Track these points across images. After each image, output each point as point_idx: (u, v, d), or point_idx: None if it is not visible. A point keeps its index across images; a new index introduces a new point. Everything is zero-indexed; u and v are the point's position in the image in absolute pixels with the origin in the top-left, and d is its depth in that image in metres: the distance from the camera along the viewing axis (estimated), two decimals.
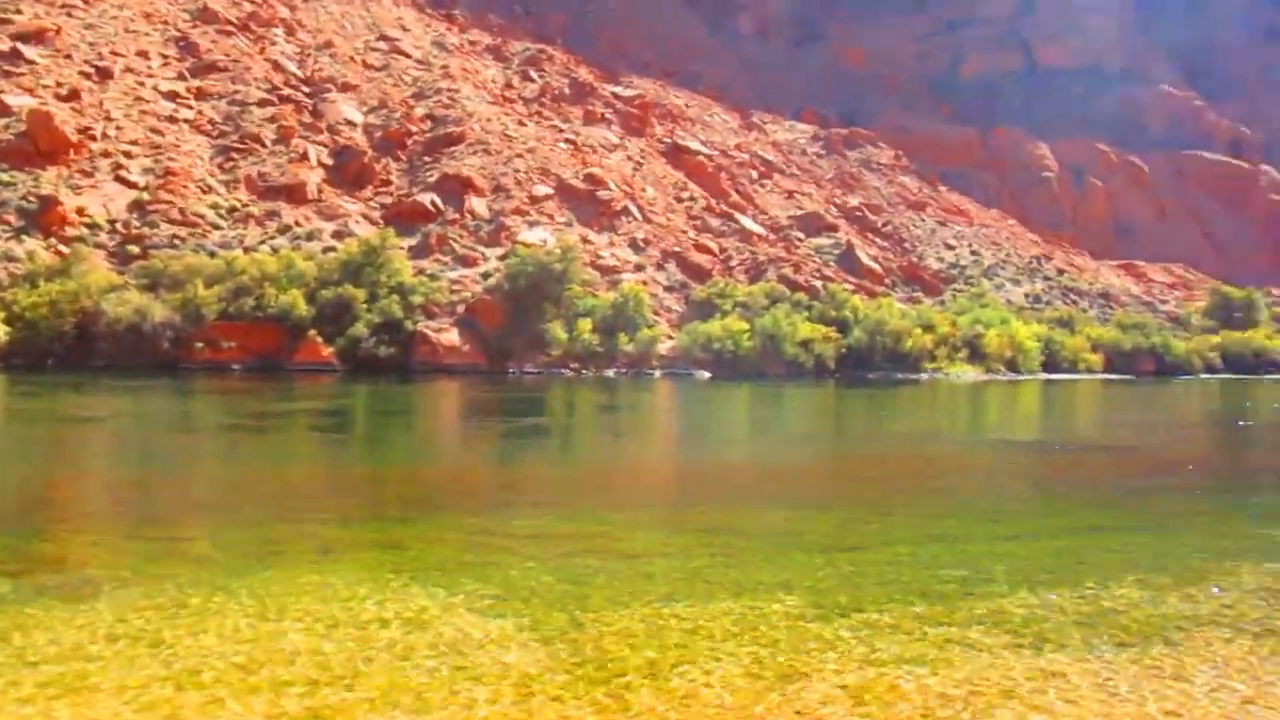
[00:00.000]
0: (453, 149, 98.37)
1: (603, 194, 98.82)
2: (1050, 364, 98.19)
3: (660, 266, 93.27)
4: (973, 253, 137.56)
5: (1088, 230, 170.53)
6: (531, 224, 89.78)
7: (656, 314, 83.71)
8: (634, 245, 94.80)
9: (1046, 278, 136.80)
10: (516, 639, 8.59)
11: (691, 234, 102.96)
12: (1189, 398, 67.89)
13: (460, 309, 75.72)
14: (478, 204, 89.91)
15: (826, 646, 8.54)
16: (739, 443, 32.98)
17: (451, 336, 72.41)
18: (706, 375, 76.56)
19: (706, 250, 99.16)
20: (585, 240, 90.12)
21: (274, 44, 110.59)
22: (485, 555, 12.11)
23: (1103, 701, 7.52)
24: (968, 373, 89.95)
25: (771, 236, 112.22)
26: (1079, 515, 16.97)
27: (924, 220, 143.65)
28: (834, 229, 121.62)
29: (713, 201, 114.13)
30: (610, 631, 8.81)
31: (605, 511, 16.42)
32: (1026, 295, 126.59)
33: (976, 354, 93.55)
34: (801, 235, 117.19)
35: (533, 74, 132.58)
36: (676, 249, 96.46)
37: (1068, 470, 24.68)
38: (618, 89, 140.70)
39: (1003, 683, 7.83)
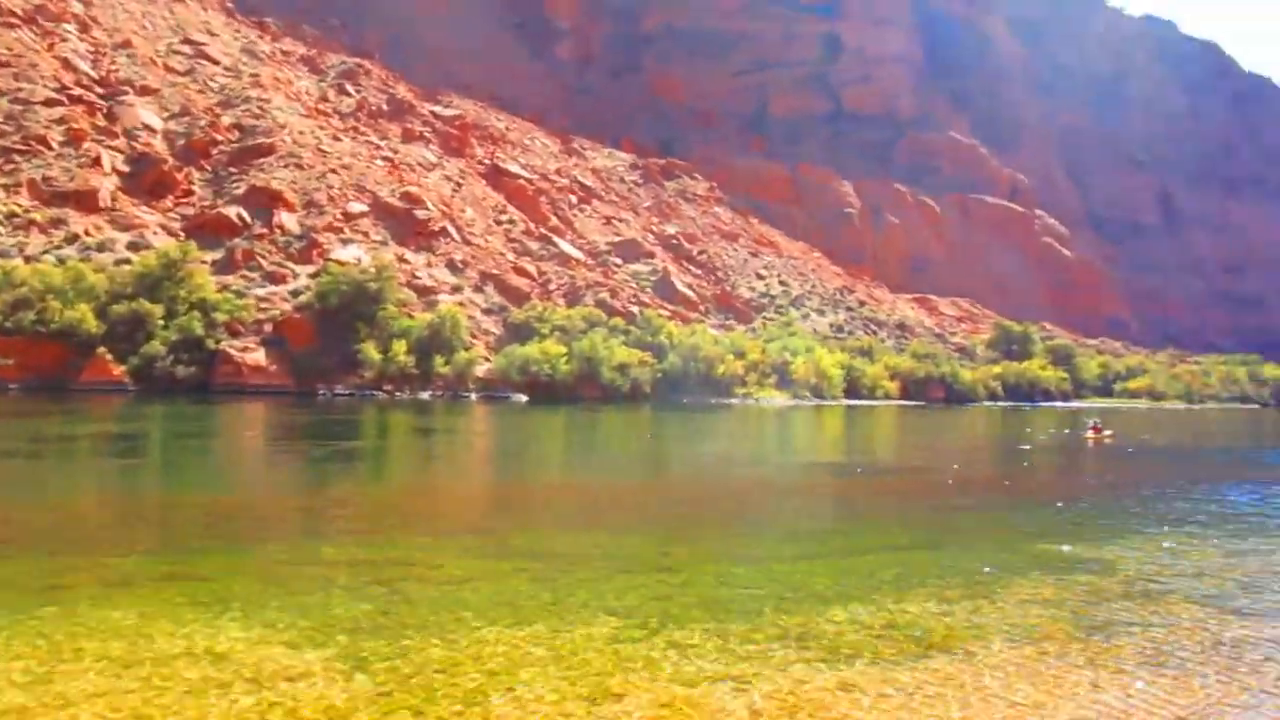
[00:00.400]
0: (262, 161, 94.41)
1: (420, 213, 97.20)
2: (852, 390, 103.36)
3: (478, 288, 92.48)
4: (782, 283, 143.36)
5: (886, 264, 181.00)
6: (345, 241, 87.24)
7: (474, 336, 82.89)
8: (452, 266, 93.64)
9: (849, 309, 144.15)
10: (329, 670, 8.31)
11: (510, 256, 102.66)
12: (975, 423, 72.78)
13: (267, 328, 72.63)
14: (288, 219, 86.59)
15: (641, 666, 8.66)
16: (555, 466, 33.05)
17: (257, 356, 69.28)
18: (524, 398, 76.32)
19: (525, 273, 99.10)
20: (401, 260, 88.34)
21: (65, 40, 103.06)
22: (293, 585, 11.65)
23: (901, 707, 7.97)
24: (776, 398, 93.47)
25: (590, 261, 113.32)
26: (879, 534, 17.72)
27: (737, 250, 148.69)
28: (651, 256, 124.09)
29: (532, 225, 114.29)
30: (426, 659, 8.67)
31: (419, 537, 16.12)
32: (831, 325, 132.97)
33: (785, 380, 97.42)
34: (619, 261, 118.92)
35: (349, 88, 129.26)
36: (495, 271, 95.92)
37: (869, 491, 25.86)
38: (437, 108, 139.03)
39: (810, 696, 8.13)
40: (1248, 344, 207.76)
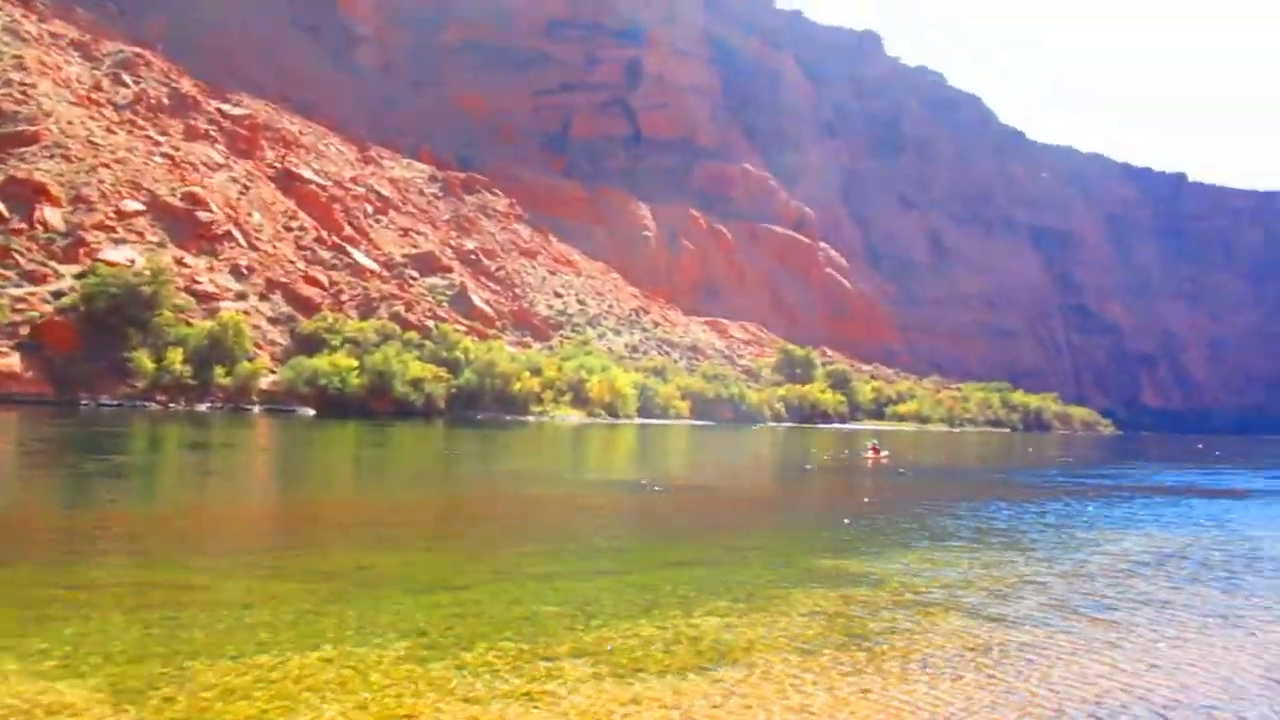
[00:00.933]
0: (23, 150, 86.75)
1: (203, 215, 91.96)
2: (645, 409, 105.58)
3: (265, 296, 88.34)
4: (580, 302, 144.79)
5: (680, 287, 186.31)
6: (117, 241, 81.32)
7: (258, 346, 79.08)
8: (236, 272, 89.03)
9: (644, 329, 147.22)
10: (97, 701, 7.73)
11: (300, 265, 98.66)
12: (762, 443, 75.82)
13: (24, 331, 66.64)
14: (51, 214, 79.89)
15: (433, 688, 8.56)
16: (343, 483, 32.00)
17: (11, 361, 63.44)
18: (311, 412, 73.44)
19: (316, 283, 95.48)
20: (180, 263, 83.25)
21: None
22: (53, 610, 10.70)
23: (685, 719, 8.23)
24: (572, 416, 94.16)
25: (385, 273, 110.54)
26: (671, 550, 18.04)
27: (535, 268, 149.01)
28: (449, 270, 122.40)
29: (324, 233, 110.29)
30: (205, 686, 8.23)
31: (197, 558, 15.27)
32: (626, 345, 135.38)
33: (580, 398, 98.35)
34: (416, 274, 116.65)
35: (126, 78, 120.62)
36: (283, 279, 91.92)
37: (664, 509, 26.38)
38: (225, 106, 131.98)
39: (600, 711, 8.26)
40: (1001, 373, 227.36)
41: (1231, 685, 9.92)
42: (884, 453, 54.64)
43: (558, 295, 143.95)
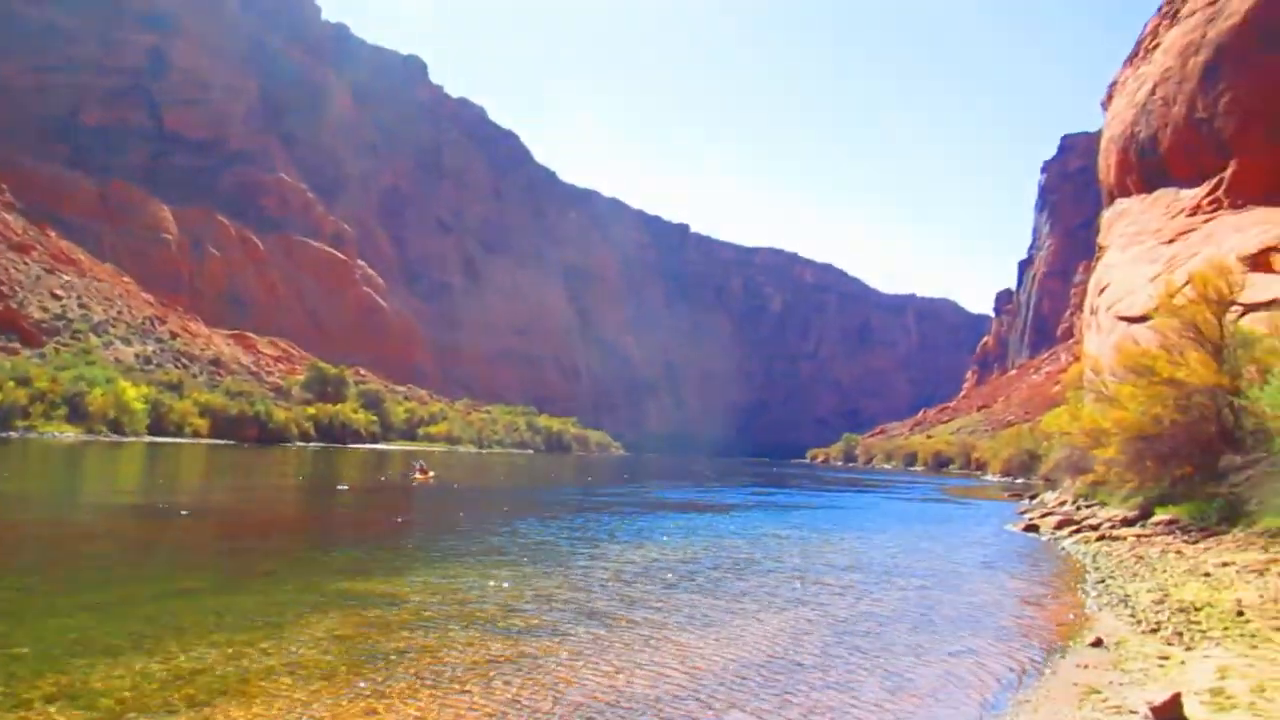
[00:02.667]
0: None
1: None
2: (157, 426, 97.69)
3: None
4: (82, 306, 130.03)
5: (204, 297, 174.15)
6: None
7: None
8: None
9: (159, 340, 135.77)
10: None
11: None
12: (290, 464, 73.43)
13: None
14: None
15: None
16: None
17: None
18: None
19: None
20: None
21: None
22: None
23: None
24: (67, 432, 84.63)
25: None
26: (177, 578, 17.08)
27: (28, 265, 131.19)
28: None
29: None
30: None
31: None
32: (137, 356, 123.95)
33: (79, 413, 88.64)
34: None
35: None
36: None
37: (172, 533, 25.06)
38: None
39: None
40: (528, 397, 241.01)
41: (697, 679, 11.44)
42: (431, 473, 56.64)
43: (56, 297, 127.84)
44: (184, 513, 29.62)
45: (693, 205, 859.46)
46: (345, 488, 47.38)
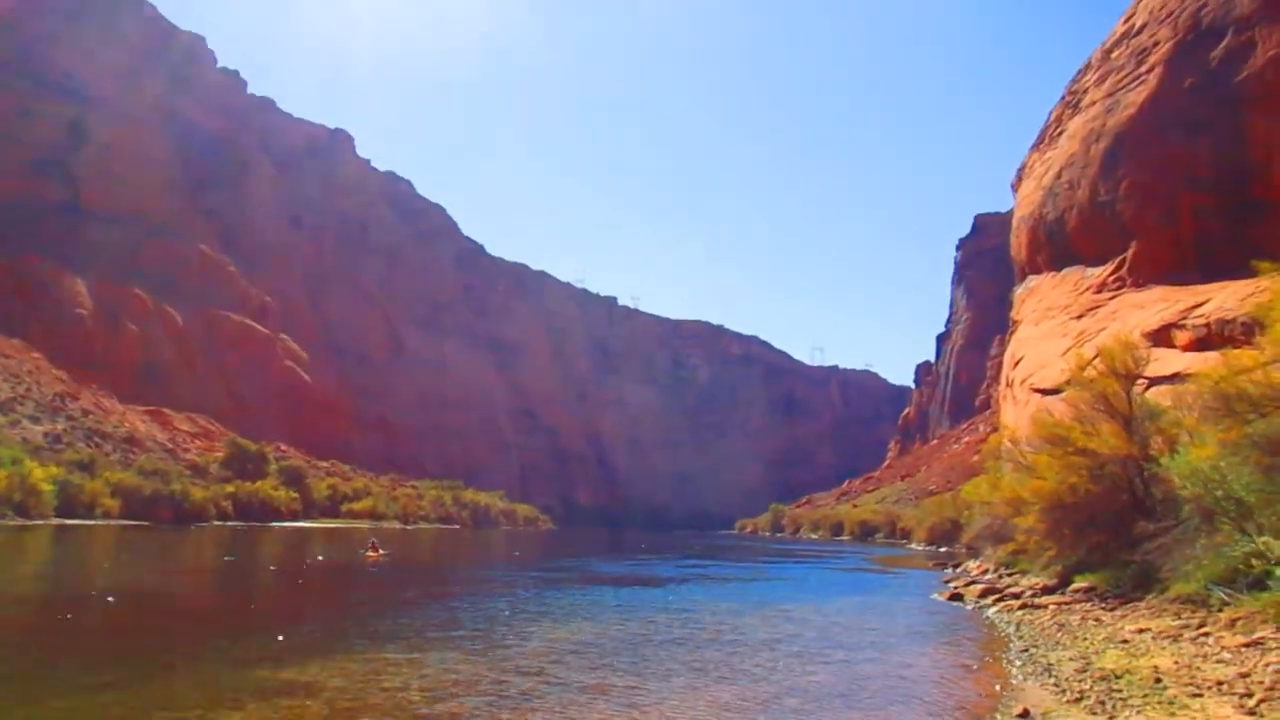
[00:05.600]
0: None
1: None
2: (66, 508, 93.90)
3: None
4: None
5: (118, 372, 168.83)
6: None
7: None
8: None
9: (70, 417, 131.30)
10: None
11: None
12: (205, 545, 71.22)
13: None
14: None
15: None
16: None
17: None
18: None
19: None
20: None
21: None
22: None
23: None
24: None
25: None
26: (82, 671, 16.35)
27: None
28: None
29: None
30: None
31: None
32: (46, 434, 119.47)
33: None
34: None
35: None
36: None
37: (89, 621, 24.13)
38: None
39: None
40: (455, 470, 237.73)
41: None
42: (383, 551, 56.19)
43: None
44: (109, 599, 28.38)
45: (620, 277, 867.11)
46: (274, 568, 46.55)
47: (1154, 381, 37.84)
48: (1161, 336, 48.45)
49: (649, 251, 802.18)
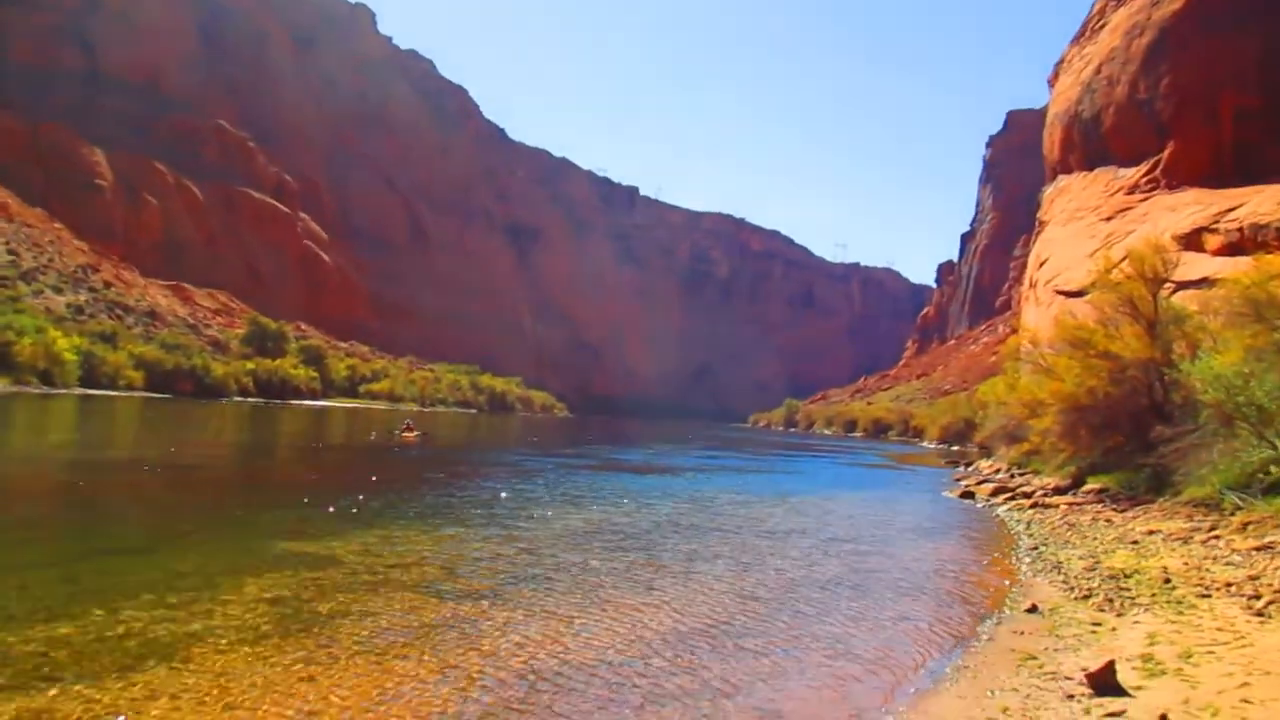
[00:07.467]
0: None
1: None
2: (90, 379, 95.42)
3: None
4: (11, 253, 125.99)
5: (139, 246, 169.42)
6: None
7: None
8: None
9: (92, 289, 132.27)
10: None
11: None
12: (227, 418, 72.24)
13: None
14: None
15: None
16: None
17: None
18: None
19: None
20: None
21: None
22: None
23: None
24: None
25: None
26: (107, 537, 16.57)
27: None
28: None
29: None
30: None
31: None
32: (69, 305, 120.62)
33: (7, 364, 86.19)
34: None
35: None
36: None
37: (111, 491, 24.18)
38: None
39: None
40: (472, 356, 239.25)
41: (637, 642, 11.49)
42: (417, 432, 57.48)
43: None
44: (145, 468, 28.76)
45: (642, 168, 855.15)
46: (320, 446, 46.65)
47: (1181, 286, 37.22)
48: (1192, 240, 47.48)
49: (673, 144, 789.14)
